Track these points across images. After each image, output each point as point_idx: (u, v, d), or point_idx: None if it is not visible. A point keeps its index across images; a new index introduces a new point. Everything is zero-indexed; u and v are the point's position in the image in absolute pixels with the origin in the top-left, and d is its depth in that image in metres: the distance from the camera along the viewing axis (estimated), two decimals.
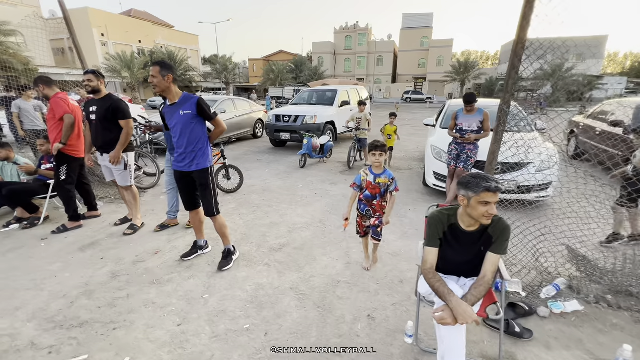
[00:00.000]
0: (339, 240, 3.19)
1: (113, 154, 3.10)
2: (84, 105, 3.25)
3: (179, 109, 2.36)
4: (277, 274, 2.60)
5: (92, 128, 3.16)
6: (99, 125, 3.11)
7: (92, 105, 3.13)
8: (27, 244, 3.13)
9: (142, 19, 35.47)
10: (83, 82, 3.06)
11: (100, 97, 3.13)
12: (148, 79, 2.40)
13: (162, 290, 2.38)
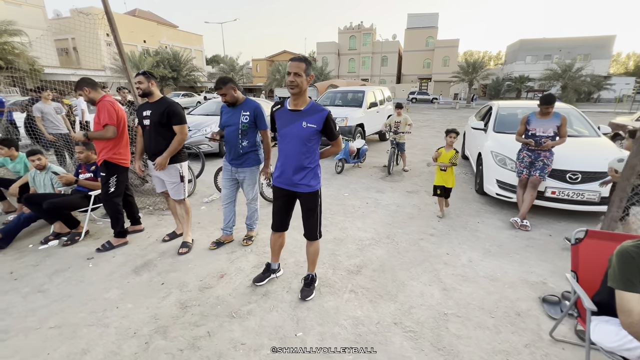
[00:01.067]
0: (420, 260, 2.86)
1: (159, 160, 2.77)
2: (137, 110, 2.93)
3: (302, 120, 1.99)
4: (370, 303, 2.27)
5: (146, 134, 2.83)
6: (153, 132, 2.79)
7: (145, 110, 2.81)
8: (73, 264, 2.80)
9: (147, 18, 35.17)
10: (136, 85, 2.73)
11: (154, 100, 2.81)
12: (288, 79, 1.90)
13: (246, 327, 2.05)
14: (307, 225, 2.22)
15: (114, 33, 3.42)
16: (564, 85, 28.33)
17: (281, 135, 2.06)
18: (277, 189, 2.20)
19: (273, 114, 2.12)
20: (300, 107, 1.99)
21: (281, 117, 2.04)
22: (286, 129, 2.01)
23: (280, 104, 2.08)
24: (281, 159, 2.09)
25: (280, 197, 2.20)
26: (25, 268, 2.75)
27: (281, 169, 2.10)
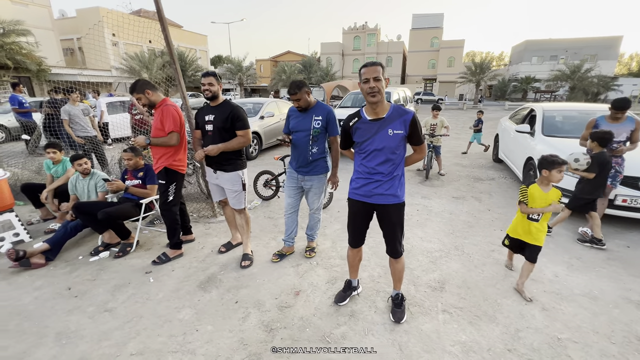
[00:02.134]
0: (502, 275, 2.68)
1: (211, 148, 2.53)
2: (196, 114, 2.75)
3: (387, 128, 1.81)
4: (470, 326, 2.09)
5: (207, 139, 2.64)
6: (217, 137, 2.60)
7: (208, 114, 2.63)
8: (132, 279, 2.62)
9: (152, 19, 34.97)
10: (205, 87, 2.54)
11: (217, 103, 2.63)
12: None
13: (348, 357, 1.86)
14: (392, 240, 2.03)
15: (165, 33, 3.24)
16: (572, 86, 28.16)
17: (362, 148, 1.87)
18: (355, 202, 2.02)
19: (349, 129, 1.91)
20: (382, 115, 1.80)
21: (361, 129, 1.85)
22: (371, 141, 1.82)
23: (357, 116, 1.88)
24: (368, 171, 1.90)
25: (359, 210, 2.02)
26: (82, 283, 2.57)
27: (367, 180, 1.91)
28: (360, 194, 1.96)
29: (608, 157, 3.10)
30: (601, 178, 3.09)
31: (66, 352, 1.89)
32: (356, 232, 2.12)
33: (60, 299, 2.37)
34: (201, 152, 2.56)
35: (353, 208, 2.06)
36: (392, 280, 2.20)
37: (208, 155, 2.57)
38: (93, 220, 3.02)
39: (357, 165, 1.96)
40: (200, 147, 2.70)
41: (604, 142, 3.09)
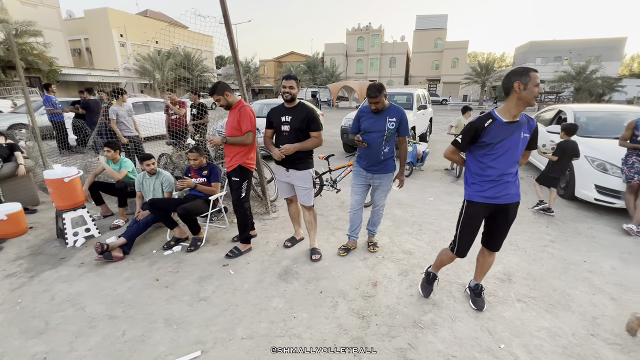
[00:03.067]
0: (562, 268, 2.82)
1: (288, 147, 2.66)
2: (270, 114, 2.89)
3: (520, 131, 1.90)
4: (548, 314, 2.23)
5: (282, 139, 2.78)
6: (293, 137, 2.75)
7: (284, 115, 2.77)
8: (212, 271, 2.76)
9: (158, 19, 35.15)
10: (285, 89, 2.69)
11: (293, 105, 2.77)
12: None
13: (443, 338, 2.01)
14: (501, 237, 2.14)
15: (230, 37, 3.38)
16: (577, 87, 28.34)
17: (494, 150, 1.93)
18: (479, 204, 2.04)
19: (483, 129, 1.92)
20: (517, 118, 1.93)
21: (494, 131, 1.91)
22: (504, 143, 1.91)
23: (490, 118, 1.92)
24: (497, 173, 1.96)
25: (481, 212, 2.07)
26: (167, 275, 2.71)
27: (496, 182, 1.98)
28: (486, 196, 2.00)
29: (572, 144, 3.90)
30: (563, 161, 3.98)
31: (181, 335, 2.03)
32: (473, 234, 2.13)
33: (152, 289, 2.52)
34: (278, 151, 2.70)
35: (473, 210, 2.07)
36: (477, 272, 2.33)
37: (291, 160, 2.73)
38: (165, 216, 3.18)
39: (480, 169, 1.99)
40: (273, 146, 2.84)
41: (571, 132, 3.94)
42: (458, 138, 2.03)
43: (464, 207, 2.13)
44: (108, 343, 1.97)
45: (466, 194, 2.10)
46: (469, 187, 2.08)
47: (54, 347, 1.95)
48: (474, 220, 2.09)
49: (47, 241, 3.34)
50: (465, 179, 2.13)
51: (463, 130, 2.01)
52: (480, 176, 2.01)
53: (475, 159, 2.02)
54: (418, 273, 2.71)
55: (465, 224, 2.12)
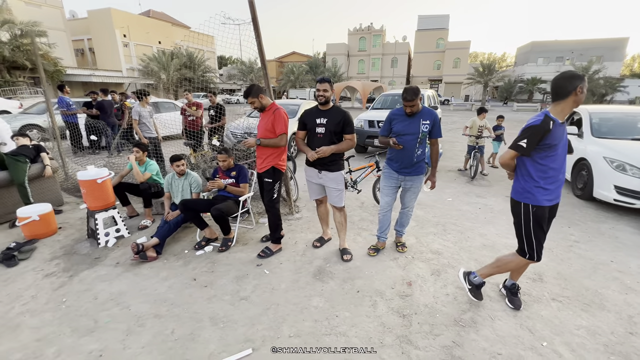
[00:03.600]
0: (590, 268, 2.87)
1: (325, 149, 2.71)
2: (304, 116, 2.93)
3: (566, 131, 2.01)
4: (584, 312, 2.28)
5: (317, 141, 2.82)
6: (327, 139, 2.79)
7: (319, 117, 2.82)
8: (247, 270, 2.81)
9: (161, 19, 35.21)
10: (320, 92, 2.73)
11: (328, 108, 2.82)
12: None
13: (486, 336, 2.05)
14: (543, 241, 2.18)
15: (258, 39, 3.42)
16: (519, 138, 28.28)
17: (556, 150, 1.95)
18: (546, 208, 2.05)
19: (548, 132, 1.89)
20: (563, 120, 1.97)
21: (557, 132, 1.92)
22: (563, 143, 1.97)
23: (551, 120, 1.90)
24: (557, 173, 2.00)
25: (545, 215, 2.07)
26: (203, 275, 2.76)
27: (559, 182, 2.04)
28: (550, 199, 2.03)
29: None
30: None
31: (229, 333, 2.08)
32: (544, 236, 2.12)
33: (192, 288, 2.56)
34: (314, 153, 2.75)
35: (541, 213, 2.04)
36: (514, 272, 2.36)
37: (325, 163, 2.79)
38: (197, 216, 3.23)
39: (542, 171, 1.99)
40: (307, 147, 2.88)
41: None
42: (522, 143, 1.96)
43: (530, 213, 2.06)
44: (159, 341, 2.02)
45: (531, 199, 2.05)
46: (533, 192, 2.03)
47: (107, 344, 1.99)
48: (542, 222, 2.07)
49: (78, 241, 3.38)
50: (521, 184, 2.09)
51: (528, 135, 1.94)
52: (543, 179, 2.00)
53: (535, 162, 2.00)
54: (450, 273, 2.76)
55: (536, 229, 2.08)
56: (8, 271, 2.82)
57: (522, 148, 1.96)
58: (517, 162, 2.13)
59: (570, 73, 1.92)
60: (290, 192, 4.14)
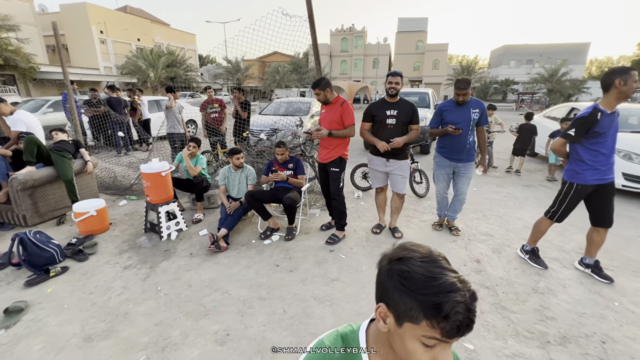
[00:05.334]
0: (622, 240, 3.25)
1: (398, 139, 2.91)
2: (371, 108, 3.09)
3: (617, 120, 2.29)
4: (635, 277, 2.62)
5: (387, 131, 2.99)
6: (398, 129, 2.98)
7: (389, 109, 3.00)
8: (324, 256, 2.94)
9: (138, 15, 33.89)
10: (391, 85, 2.91)
11: (396, 100, 3.01)
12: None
13: (563, 299, 2.33)
14: (612, 212, 2.49)
15: (313, 36, 3.55)
16: (550, 89, 30.39)
17: (605, 137, 2.28)
18: (588, 186, 2.43)
19: (595, 123, 2.23)
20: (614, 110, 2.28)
21: (605, 121, 2.24)
22: (610, 131, 2.28)
23: (599, 111, 2.24)
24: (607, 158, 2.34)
25: (584, 192, 2.47)
26: (282, 261, 2.86)
27: (609, 166, 2.37)
28: (599, 178, 2.38)
29: (530, 126, 6.05)
30: (523, 137, 6.00)
31: (338, 310, 2.21)
32: (574, 208, 2.57)
33: (279, 273, 2.66)
34: (385, 144, 2.92)
35: (584, 191, 2.46)
36: (592, 250, 2.63)
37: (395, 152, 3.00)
38: (262, 207, 3.31)
39: (593, 156, 2.34)
40: (375, 138, 3.04)
41: (529, 117, 6.17)
42: (571, 132, 2.34)
43: (573, 189, 2.47)
44: (276, 319, 2.12)
45: (580, 179, 2.42)
46: (584, 173, 2.40)
47: (228, 325, 2.07)
48: (580, 197, 2.49)
49: (137, 236, 3.36)
50: (572, 167, 2.47)
51: (577, 125, 2.30)
52: (594, 162, 2.34)
53: (585, 148, 2.36)
54: (508, 251, 3.04)
55: (572, 200, 2.51)
56: (82, 265, 2.79)
57: (571, 137, 2.33)
58: (570, 149, 2.47)
59: (612, 69, 2.23)
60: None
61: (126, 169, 5.30)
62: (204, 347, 1.89)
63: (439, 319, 0.54)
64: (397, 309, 0.60)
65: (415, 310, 0.56)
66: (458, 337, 0.55)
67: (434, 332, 0.55)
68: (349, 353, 0.72)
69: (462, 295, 0.54)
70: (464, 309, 0.53)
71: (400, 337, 0.60)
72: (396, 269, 0.61)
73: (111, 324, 2.08)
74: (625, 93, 2.19)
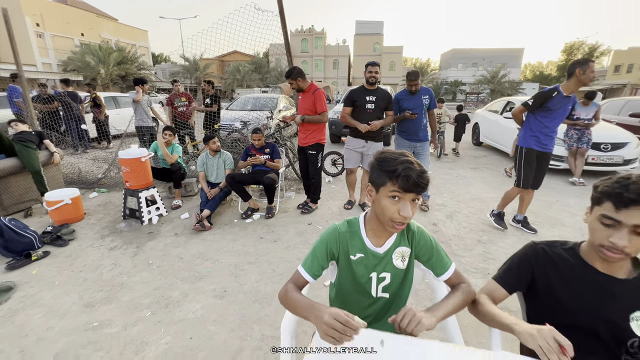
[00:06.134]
0: (546, 204, 3.98)
1: (377, 122, 3.29)
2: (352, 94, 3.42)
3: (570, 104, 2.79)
4: (553, 229, 3.28)
5: (366, 115, 3.36)
6: (375, 115, 3.37)
7: (369, 95, 3.35)
8: (303, 228, 3.24)
9: (82, 8, 31.25)
10: (371, 74, 3.28)
11: (375, 88, 3.39)
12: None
13: (501, 246, 2.88)
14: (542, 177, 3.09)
15: (284, 29, 3.83)
16: (492, 89, 33.59)
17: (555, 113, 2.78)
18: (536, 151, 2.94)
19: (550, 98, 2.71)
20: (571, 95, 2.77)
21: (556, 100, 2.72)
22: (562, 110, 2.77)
23: (556, 91, 2.73)
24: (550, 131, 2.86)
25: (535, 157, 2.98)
26: (266, 234, 3.11)
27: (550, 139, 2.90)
28: (541, 146, 2.89)
29: (463, 116, 7.24)
30: (460, 127, 7.21)
31: None
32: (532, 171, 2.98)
33: (264, 243, 2.91)
34: (366, 126, 3.29)
35: (531, 156, 2.94)
36: (522, 206, 3.22)
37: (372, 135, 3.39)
38: (242, 188, 3.52)
39: (541, 127, 2.84)
40: (356, 121, 3.38)
41: (460, 109, 7.40)
42: (529, 101, 2.85)
43: (522, 152, 2.98)
44: (267, 277, 2.39)
45: (526, 143, 2.95)
46: (529, 140, 2.93)
47: (224, 284, 2.29)
48: (530, 161, 2.96)
49: (115, 222, 3.38)
50: (523, 133, 2.99)
51: (536, 97, 2.82)
52: (538, 131, 2.87)
53: (536, 119, 2.88)
54: (459, 216, 3.58)
55: (526, 165, 2.98)
56: (63, 250, 2.80)
57: (529, 106, 2.85)
58: (525, 118, 2.99)
59: (575, 60, 2.71)
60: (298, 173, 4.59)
61: (91, 163, 5.13)
62: (205, 301, 2.10)
63: (396, 178, 0.88)
64: (375, 182, 0.95)
65: (384, 177, 0.91)
66: (412, 193, 0.89)
67: (394, 187, 0.90)
68: (352, 228, 1.07)
69: (413, 167, 0.89)
70: (414, 173, 0.88)
71: (378, 200, 0.95)
72: (378, 159, 0.95)
73: (109, 293, 2.19)
74: (583, 80, 2.67)
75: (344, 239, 1.07)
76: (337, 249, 1.07)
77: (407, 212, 0.91)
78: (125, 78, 25.46)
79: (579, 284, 0.93)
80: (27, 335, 1.81)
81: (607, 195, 0.85)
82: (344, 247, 1.07)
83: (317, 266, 1.05)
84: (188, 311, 2.01)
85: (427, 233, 1.12)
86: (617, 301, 0.89)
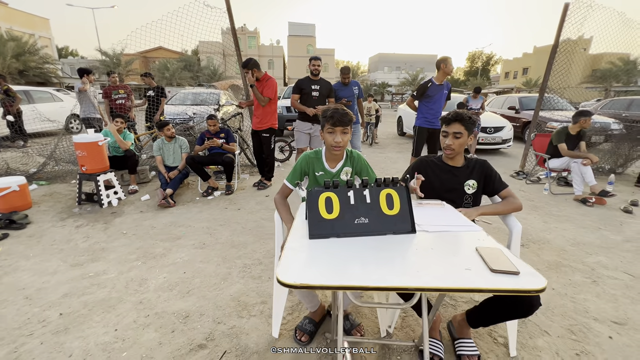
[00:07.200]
0: None
1: (321, 107, 3.88)
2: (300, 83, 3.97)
3: (444, 90, 3.79)
4: None
5: (313, 102, 3.94)
6: (320, 101, 3.99)
7: (314, 84, 3.95)
8: (262, 200, 3.72)
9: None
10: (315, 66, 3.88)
11: (318, 78, 4.01)
12: None
13: None
14: (436, 150, 4.08)
15: (232, 24, 4.22)
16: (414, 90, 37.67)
17: (433, 98, 3.83)
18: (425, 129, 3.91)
19: (426, 87, 3.75)
20: (443, 83, 3.85)
21: (432, 89, 3.79)
22: (438, 95, 3.80)
23: (430, 82, 3.77)
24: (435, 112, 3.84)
25: (426, 133, 3.96)
26: (229, 205, 3.51)
27: (434, 119, 3.86)
28: (427, 123, 3.83)
29: None
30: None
31: None
32: (422, 144, 3.96)
33: (229, 212, 3.33)
34: (314, 110, 3.88)
35: (422, 133, 3.89)
36: None
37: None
38: (202, 169, 3.85)
39: (427, 110, 3.78)
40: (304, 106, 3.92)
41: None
42: (414, 93, 3.84)
43: (416, 131, 3.96)
44: (238, 232, 2.84)
45: (419, 123, 3.93)
46: (420, 120, 3.93)
47: (202, 240, 2.68)
48: (422, 137, 3.97)
49: (70, 208, 3.40)
50: (417, 116, 3.96)
51: (418, 88, 3.84)
52: (427, 113, 3.88)
53: (422, 104, 3.89)
54: None
55: (418, 139, 3.99)
56: (23, 232, 2.81)
57: (415, 96, 3.85)
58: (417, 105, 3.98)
59: (440, 57, 3.79)
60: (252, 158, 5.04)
61: (21, 157, 4.75)
62: (187, 251, 2.48)
63: (328, 119, 1.53)
64: (322, 126, 1.60)
65: (324, 121, 1.57)
66: (339, 127, 1.54)
67: (328, 124, 1.55)
68: (317, 155, 1.69)
69: (338, 111, 1.54)
70: (337, 114, 1.52)
71: (324, 136, 1.59)
72: (322, 113, 1.58)
73: (92, 256, 2.40)
74: (446, 72, 3.72)
75: (312, 161, 1.68)
76: (308, 168, 1.67)
77: (338, 139, 1.55)
78: (24, 73, 21.71)
79: (440, 173, 1.70)
80: (24, 288, 1.98)
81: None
82: (311, 167, 1.68)
83: (295, 179, 1.64)
84: (175, 258, 2.37)
85: (363, 157, 1.78)
86: (457, 178, 1.67)
